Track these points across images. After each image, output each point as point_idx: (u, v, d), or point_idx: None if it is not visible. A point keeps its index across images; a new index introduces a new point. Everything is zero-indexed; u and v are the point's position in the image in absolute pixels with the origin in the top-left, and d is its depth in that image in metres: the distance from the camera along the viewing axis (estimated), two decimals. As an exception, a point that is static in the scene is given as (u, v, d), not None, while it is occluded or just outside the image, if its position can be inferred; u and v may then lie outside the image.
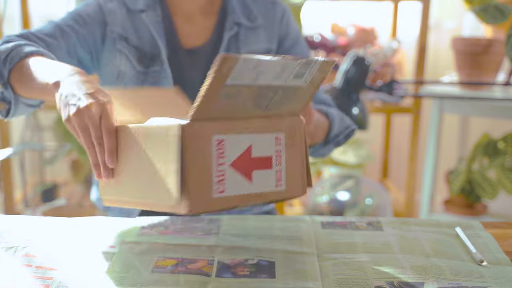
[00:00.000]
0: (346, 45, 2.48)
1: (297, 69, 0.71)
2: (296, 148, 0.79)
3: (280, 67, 0.69)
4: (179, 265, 0.79)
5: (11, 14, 2.44)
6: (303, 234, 0.92)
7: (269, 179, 0.76)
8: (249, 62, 0.65)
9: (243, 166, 0.73)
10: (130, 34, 1.18)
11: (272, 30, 1.24)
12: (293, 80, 0.72)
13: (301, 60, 0.70)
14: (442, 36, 2.74)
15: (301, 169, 0.80)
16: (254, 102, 0.72)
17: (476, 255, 0.84)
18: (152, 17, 1.18)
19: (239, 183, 0.73)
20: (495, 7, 1.53)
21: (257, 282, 0.75)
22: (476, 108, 2.14)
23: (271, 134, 0.76)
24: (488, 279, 0.77)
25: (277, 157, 0.77)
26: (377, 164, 2.92)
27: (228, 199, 0.72)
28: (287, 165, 0.78)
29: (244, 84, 0.68)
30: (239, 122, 0.72)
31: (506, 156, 2.12)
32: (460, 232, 0.93)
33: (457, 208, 2.27)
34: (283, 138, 0.77)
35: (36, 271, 0.76)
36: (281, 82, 0.71)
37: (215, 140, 0.70)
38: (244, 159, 0.73)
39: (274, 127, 0.76)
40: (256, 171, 0.74)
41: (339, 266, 0.80)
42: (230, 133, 0.71)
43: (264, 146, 0.75)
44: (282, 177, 0.78)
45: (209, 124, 0.70)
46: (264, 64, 0.67)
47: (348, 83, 1.60)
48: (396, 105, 2.45)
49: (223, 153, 0.71)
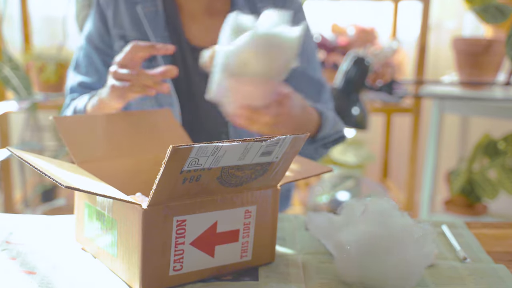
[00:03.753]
0: (346, 45, 2.48)
1: (263, 149, 0.70)
2: (267, 218, 0.79)
3: (243, 149, 0.69)
4: None
5: (11, 14, 2.43)
6: (286, 234, 0.92)
7: (234, 251, 0.77)
8: (206, 149, 0.65)
9: (205, 243, 0.74)
10: (128, 31, 1.19)
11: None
12: (260, 158, 0.72)
13: (266, 142, 0.70)
14: (442, 36, 2.74)
15: (270, 238, 0.81)
16: (220, 182, 0.72)
17: (459, 253, 0.85)
18: (148, 7, 1.18)
19: (200, 259, 0.74)
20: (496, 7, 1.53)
21: (240, 285, 0.75)
22: (476, 108, 2.14)
23: (241, 208, 0.76)
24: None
25: (245, 229, 0.77)
26: (377, 164, 2.92)
27: (186, 275, 0.74)
28: (255, 236, 0.79)
29: (204, 168, 0.68)
30: (204, 201, 0.73)
31: (507, 156, 2.12)
32: (446, 230, 0.94)
33: (457, 208, 2.27)
34: (254, 210, 0.77)
35: (22, 266, 0.77)
36: (247, 162, 0.71)
37: (176, 221, 0.71)
38: (208, 235, 0.74)
39: (245, 201, 0.76)
40: (219, 246, 0.76)
41: (324, 268, 0.80)
42: (192, 213, 0.72)
43: (231, 221, 0.76)
44: (248, 248, 0.78)
45: (170, 205, 0.70)
46: (224, 149, 0.67)
47: (348, 83, 1.60)
48: (396, 105, 2.45)
49: (184, 232, 0.72)
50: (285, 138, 0.71)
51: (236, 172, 0.72)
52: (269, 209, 0.79)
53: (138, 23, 1.19)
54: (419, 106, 2.41)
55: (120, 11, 1.20)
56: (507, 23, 1.98)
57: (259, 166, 0.73)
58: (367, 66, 1.61)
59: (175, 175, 0.67)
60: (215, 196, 0.73)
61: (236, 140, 0.67)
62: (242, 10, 1.20)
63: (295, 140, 0.73)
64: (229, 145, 0.67)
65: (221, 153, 0.67)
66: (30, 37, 2.41)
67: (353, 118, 1.60)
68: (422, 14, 2.32)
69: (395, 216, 0.75)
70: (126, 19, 1.19)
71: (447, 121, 2.56)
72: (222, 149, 0.67)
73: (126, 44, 1.18)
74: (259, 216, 0.78)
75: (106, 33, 1.21)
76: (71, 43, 2.39)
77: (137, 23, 1.19)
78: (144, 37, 1.18)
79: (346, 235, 0.75)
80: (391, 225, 0.74)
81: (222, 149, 0.67)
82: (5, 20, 2.28)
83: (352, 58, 1.62)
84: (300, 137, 0.73)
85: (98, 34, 1.22)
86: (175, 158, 0.64)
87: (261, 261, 0.81)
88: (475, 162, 2.20)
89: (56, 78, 2.32)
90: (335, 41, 2.50)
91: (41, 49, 2.38)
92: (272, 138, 0.70)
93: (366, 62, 1.61)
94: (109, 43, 1.21)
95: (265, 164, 0.73)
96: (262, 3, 1.22)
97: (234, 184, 0.74)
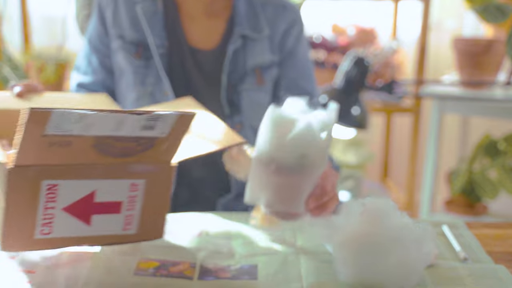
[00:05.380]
0: (346, 45, 2.48)
1: (142, 123, 0.70)
2: (158, 194, 0.79)
3: (115, 120, 0.68)
4: (161, 268, 0.79)
5: (11, 14, 2.43)
6: (286, 234, 0.92)
7: (115, 223, 0.77)
8: (69, 115, 0.65)
9: (81, 211, 0.74)
10: (126, 30, 1.19)
11: (276, 38, 1.22)
12: (144, 132, 0.72)
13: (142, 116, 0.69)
14: (442, 36, 2.73)
15: (161, 214, 0.81)
16: (99, 150, 0.71)
17: (460, 253, 0.85)
18: (148, 7, 1.18)
19: (73, 226, 0.74)
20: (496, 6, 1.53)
21: (239, 284, 0.75)
22: (476, 108, 2.13)
23: (126, 180, 0.76)
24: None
25: (130, 202, 0.77)
26: (377, 164, 2.92)
27: (56, 240, 0.74)
28: (143, 210, 0.78)
29: (73, 134, 0.68)
30: (80, 168, 0.72)
31: (507, 156, 2.12)
32: (446, 230, 0.94)
33: (457, 208, 2.26)
34: (142, 184, 0.77)
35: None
36: (127, 134, 0.71)
37: (45, 185, 0.71)
38: (84, 203, 0.74)
39: (131, 173, 0.76)
40: (98, 216, 0.75)
41: (323, 268, 0.80)
42: (66, 179, 0.72)
43: (113, 192, 0.76)
44: (133, 221, 0.78)
45: (38, 169, 0.70)
46: (92, 117, 0.66)
47: (348, 83, 1.60)
48: (396, 105, 2.45)
49: (55, 197, 0.72)
50: (168, 115, 0.71)
51: (115, 142, 0.71)
52: (161, 185, 0.79)
53: (137, 23, 1.19)
54: (419, 106, 2.41)
55: (120, 10, 1.20)
56: (508, 22, 1.97)
57: (143, 139, 0.73)
58: (367, 66, 1.61)
59: (36, 137, 0.66)
60: (95, 164, 0.73)
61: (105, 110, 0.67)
62: (242, 15, 1.19)
63: (182, 118, 0.73)
64: (95, 114, 0.66)
65: (89, 121, 0.67)
66: (29, 37, 2.41)
67: (353, 118, 1.59)
68: (422, 14, 2.32)
69: (394, 216, 0.75)
70: (125, 19, 1.19)
71: (447, 121, 2.56)
72: (89, 117, 0.66)
73: (124, 44, 1.18)
74: (149, 191, 0.78)
75: (105, 34, 1.21)
76: (71, 43, 2.38)
77: (136, 23, 1.19)
78: (142, 37, 1.18)
79: (345, 235, 0.75)
80: (390, 225, 0.74)
81: (89, 118, 0.66)
82: (5, 20, 2.28)
83: (352, 58, 1.61)
84: (188, 115, 0.73)
85: (97, 35, 1.22)
86: (33, 120, 0.64)
87: (148, 237, 0.81)
88: (476, 162, 2.19)
89: (55, 78, 2.32)
90: (335, 41, 2.49)
91: (40, 49, 2.38)
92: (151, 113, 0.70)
93: (366, 62, 1.61)
94: (108, 44, 1.21)
95: (150, 138, 0.73)
96: (262, 8, 1.22)
97: (118, 154, 0.73)
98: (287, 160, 0.77)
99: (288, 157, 0.77)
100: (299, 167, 0.77)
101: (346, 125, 1.60)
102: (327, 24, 2.68)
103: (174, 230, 0.93)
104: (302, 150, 0.77)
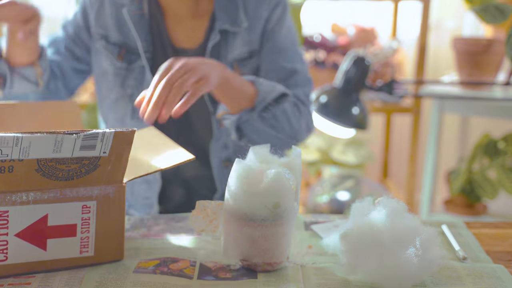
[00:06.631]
0: (346, 45, 2.48)
1: (81, 142, 0.70)
2: (111, 214, 0.79)
3: (53, 141, 0.68)
4: (161, 265, 0.79)
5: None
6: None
7: (71, 246, 0.77)
8: (4, 139, 0.65)
9: (35, 236, 0.74)
10: (111, 31, 1.19)
11: (257, 27, 1.20)
12: (85, 152, 0.72)
13: (79, 135, 0.69)
14: (442, 36, 2.74)
15: (117, 234, 0.80)
16: (42, 175, 0.71)
17: (459, 252, 0.85)
18: (134, 10, 1.18)
19: (29, 252, 0.74)
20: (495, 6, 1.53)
21: (238, 284, 0.75)
22: (476, 108, 2.13)
23: (77, 203, 0.76)
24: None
25: (84, 224, 0.77)
26: (377, 164, 2.92)
27: (12, 267, 0.74)
28: (98, 232, 0.78)
29: (13, 159, 0.68)
30: (29, 193, 0.72)
31: (506, 156, 2.12)
32: (445, 230, 0.94)
33: (457, 208, 2.27)
34: (93, 205, 0.77)
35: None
36: (67, 155, 0.71)
37: None
38: (37, 228, 0.74)
39: (80, 196, 0.76)
40: (53, 240, 0.75)
41: (323, 268, 0.80)
42: (15, 205, 0.72)
43: (66, 215, 0.75)
44: (90, 243, 0.78)
45: None
46: (27, 140, 0.66)
47: (348, 83, 1.60)
48: (396, 105, 2.45)
49: (7, 223, 0.72)
50: (105, 133, 0.71)
51: (58, 165, 0.71)
52: (113, 205, 0.78)
53: (122, 25, 1.19)
54: (419, 106, 2.41)
55: (105, 11, 1.20)
56: (507, 23, 1.98)
57: (86, 160, 0.73)
58: (367, 66, 1.61)
59: None
60: (43, 189, 0.73)
61: (42, 132, 0.67)
62: (223, 10, 1.19)
63: (120, 135, 0.72)
64: (31, 136, 0.66)
65: (26, 144, 0.67)
66: (30, 37, 2.40)
67: (353, 118, 1.60)
68: (422, 14, 2.32)
69: (402, 217, 0.76)
70: (110, 20, 1.20)
71: (447, 121, 2.56)
72: (25, 140, 0.66)
73: (107, 44, 1.20)
74: (101, 212, 0.78)
75: (84, 28, 1.23)
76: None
77: (121, 25, 1.19)
78: (127, 39, 1.19)
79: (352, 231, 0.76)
80: (396, 225, 0.74)
81: (25, 140, 0.66)
82: (5, 20, 2.28)
83: (352, 58, 1.62)
84: (125, 132, 0.73)
85: (75, 24, 1.23)
86: None
87: (107, 258, 0.80)
88: (475, 162, 2.20)
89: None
90: (335, 41, 2.50)
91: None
92: (87, 132, 0.69)
93: (366, 62, 1.61)
94: (81, 36, 1.23)
95: (92, 158, 0.73)
96: (243, 2, 1.20)
97: (63, 178, 0.73)
98: (259, 212, 0.76)
99: (260, 208, 0.76)
100: (272, 216, 0.77)
101: (346, 125, 1.60)
102: (327, 24, 2.69)
103: (174, 230, 0.93)
104: (274, 199, 0.76)
